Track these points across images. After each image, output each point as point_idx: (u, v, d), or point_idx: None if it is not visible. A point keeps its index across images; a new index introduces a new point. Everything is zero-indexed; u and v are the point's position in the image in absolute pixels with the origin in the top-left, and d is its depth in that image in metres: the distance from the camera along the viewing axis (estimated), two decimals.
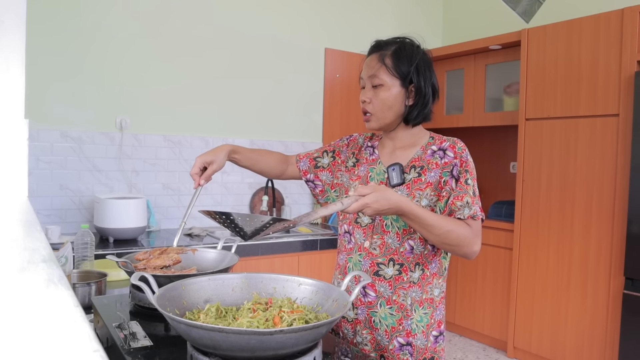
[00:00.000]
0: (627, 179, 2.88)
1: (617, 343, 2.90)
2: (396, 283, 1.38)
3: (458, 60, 4.07)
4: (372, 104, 1.40)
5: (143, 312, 1.30)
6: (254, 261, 3.06)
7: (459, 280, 3.87)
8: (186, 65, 3.51)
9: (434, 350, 1.39)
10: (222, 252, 1.56)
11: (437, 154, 1.39)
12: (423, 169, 1.39)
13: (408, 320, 1.37)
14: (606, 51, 2.99)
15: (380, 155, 1.48)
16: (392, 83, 1.39)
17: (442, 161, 1.38)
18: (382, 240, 1.39)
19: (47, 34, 3.03)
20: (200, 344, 0.91)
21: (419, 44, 1.46)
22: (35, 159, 3.00)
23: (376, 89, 1.40)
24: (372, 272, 1.40)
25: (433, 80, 1.43)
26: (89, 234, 1.95)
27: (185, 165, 3.51)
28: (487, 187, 4.32)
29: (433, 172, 1.37)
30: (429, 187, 1.36)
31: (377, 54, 1.42)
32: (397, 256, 1.38)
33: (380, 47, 1.44)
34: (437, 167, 1.38)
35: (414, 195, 1.36)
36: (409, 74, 1.38)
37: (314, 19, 4.07)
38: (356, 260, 1.44)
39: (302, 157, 1.62)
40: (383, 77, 1.39)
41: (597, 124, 3.04)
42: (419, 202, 1.35)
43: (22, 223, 0.90)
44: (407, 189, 1.37)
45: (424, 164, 1.39)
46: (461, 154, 1.37)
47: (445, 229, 1.26)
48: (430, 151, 1.41)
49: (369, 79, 1.41)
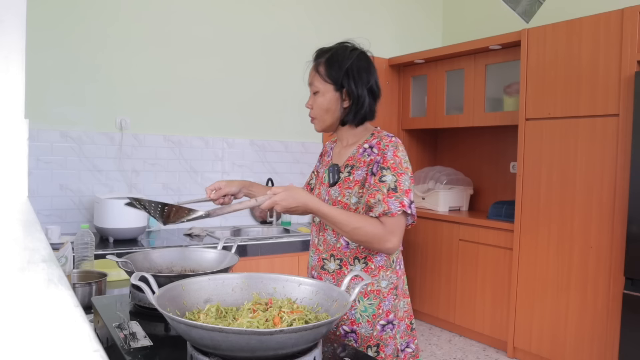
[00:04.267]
0: (627, 179, 2.88)
1: (617, 343, 2.90)
2: (338, 276, 1.49)
3: (458, 60, 4.07)
4: (313, 110, 1.54)
5: (143, 312, 1.30)
6: (254, 261, 3.06)
7: (459, 280, 3.87)
8: (186, 65, 3.51)
9: (380, 338, 1.46)
10: (222, 252, 1.56)
11: (366, 151, 1.49)
12: (353, 167, 1.49)
13: (352, 310, 1.46)
14: (606, 51, 2.99)
15: (332, 157, 1.62)
16: (326, 89, 1.51)
17: (369, 158, 1.47)
18: (324, 237, 1.53)
19: (48, 34, 3.03)
20: (200, 344, 0.91)
21: (357, 47, 1.56)
22: (35, 159, 3.00)
23: (315, 96, 1.53)
24: (320, 266, 1.53)
25: (370, 81, 1.52)
26: (89, 234, 1.95)
27: (185, 165, 3.51)
28: (487, 187, 4.32)
29: (361, 170, 1.47)
30: (357, 185, 1.46)
31: (313, 64, 1.55)
32: (335, 252, 1.50)
33: (317, 56, 1.56)
34: (364, 164, 1.47)
35: (343, 194, 1.47)
36: (340, 79, 1.49)
37: (314, 19, 4.07)
38: (310, 257, 1.60)
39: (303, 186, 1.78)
40: (317, 84, 1.52)
41: (597, 124, 3.04)
42: (349, 200, 1.46)
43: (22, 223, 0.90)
44: (339, 188, 1.49)
45: (355, 162, 1.50)
46: (384, 151, 1.44)
47: (352, 226, 1.35)
48: (362, 149, 1.50)
49: (309, 86, 1.55)
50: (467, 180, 4.35)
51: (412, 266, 4.27)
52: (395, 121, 4.53)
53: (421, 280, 4.19)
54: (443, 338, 3.87)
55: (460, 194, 4.26)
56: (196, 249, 1.61)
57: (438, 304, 4.05)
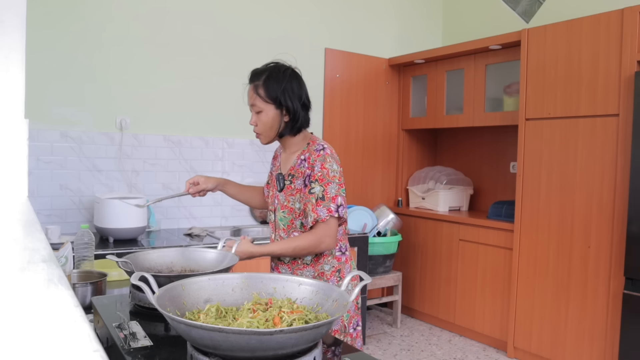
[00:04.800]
0: (627, 179, 2.88)
1: (617, 343, 2.90)
2: (293, 266, 1.76)
3: (458, 60, 4.07)
4: (258, 127, 1.75)
5: (143, 312, 1.30)
6: (254, 261, 3.04)
7: (459, 280, 3.87)
8: (186, 65, 3.51)
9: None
10: (222, 252, 1.56)
11: (302, 163, 1.72)
12: (294, 177, 1.74)
13: None
14: (606, 51, 2.99)
15: (281, 162, 1.85)
16: (268, 108, 1.71)
17: (303, 170, 1.71)
18: (277, 233, 1.79)
19: (48, 33, 3.03)
20: (200, 344, 0.91)
21: (288, 66, 1.76)
22: (35, 159, 3.00)
23: (258, 115, 1.73)
24: (277, 257, 1.78)
25: (302, 95, 1.74)
26: (89, 234, 1.95)
27: (185, 165, 3.51)
28: (487, 187, 4.33)
29: (299, 180, 1.72)
30: (299, 193, 1.72)
31: (253, 85, 1.74)
32: None
33: (254, 78, 1.74)
34: (301, 175, 1.71)
35: (288, 200, 1.73)
36: (279, 98, 1.70)
37: (314, 19, 4.08)
38: None
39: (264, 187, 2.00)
40: (259, 104, 1.72)
41: (597, 124, 3.04)
42: (294, 205, 1.72)
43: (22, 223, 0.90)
44: (284, 195, 1.75)
45: (295, 172, 1.74)
46: (313, 165, 1.68)
47: (291, 249, 1.65)
48: (299, 160, 1.74)
49: (250, 107, 1.75)
50: (467, 180, 4.35)
51: (412, 266, 4.27)
52: (395, 121, 4.53)
53: (421, 280, 4.19)
54: (443, 338, 3.87)
55: (460, 194, 4.26)
56: (196, 249, 1.61)
57: (438, 304, 4.05)
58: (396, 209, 4.36)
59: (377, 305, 4.49)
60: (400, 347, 3.68)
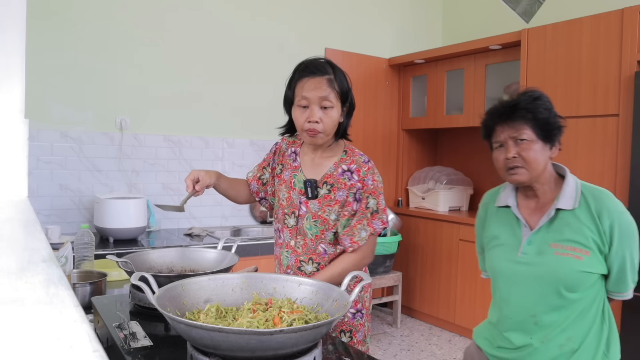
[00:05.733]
0: (627, 179, 2.88)
1: None
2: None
3: (458, 60, 4.07)
4: (323, 124, 1.54)
5: (143, 312, 1.30)
6: (254, 261, 3.05)
7: (459, 280, 3.87)
8: (186, 65, 3.51)
9: (352, 325, 1.62)
10: (222, 252, 1.56)
11: (346, 174, 1.59)
12: (333, 186, 1.58)
13: None
14: (606, 51, 2.99)
15: (302, 163, 1.66)
16: (337, 105, 1.56)
17: (349, 182, 1.58)
18: (304, 241, 1.60)
19: (48, 33, 3.03)
20: (200, 344, 0.91)
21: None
22: (35, 159, 3.00)
23: (326, 110, 1.54)
24: (296, 267, 1.61)
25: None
26: (89, 234, 1.95)
27: (185, 166, 3.51)
28: (487, 187, 4.31)
29: (342, 191, 1.58)
30: (337, 204, 1.57)
31: (325, 79, 1.55)
32: (315, 256, 1.59)
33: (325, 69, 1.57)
34: (345, 187, 1.58)
35: (324, 210, 1.57)
36: (347, 95, 1.58)
37: (314, 19, 4.07)
38: (285, 256, 1.65)
39: (251, 180, 1.78)
40: (333, 100, 1.54)
41: (597, 124, 3.04)
42: (329, 216, 1.57)
43: (22, 223, 0.90)
44: (319, 203, 1.58)
45: (334, 181, 1.59)
46: (364, 178, 1.58)
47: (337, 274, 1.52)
48: (341, 170, 1.60)
49: (320, 100, 1.53)
50: (467, 180, 4.35)
51: (412, 266, 4.26)
52: (395, 121, 4.53)
53: (421, 280, 4.19)
54: (443, 338, 3.87)
55: (460, 194, 4.26)
56: (196, 249, 1.61)
57: (438, 304, 4.05)
58: (396, 209, 4.36)
59: (377, 305, 4.49)
60: (400, 347, 3.68)
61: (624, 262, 1.40)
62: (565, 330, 1.42)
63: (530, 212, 1.51)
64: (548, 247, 1.42)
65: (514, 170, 1.46)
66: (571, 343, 1.42)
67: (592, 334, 1.44)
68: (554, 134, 1.51)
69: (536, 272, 1.42)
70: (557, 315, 1.41)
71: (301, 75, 1.58)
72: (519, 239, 1.49)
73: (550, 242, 1.42)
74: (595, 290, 1.43)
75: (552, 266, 1.40)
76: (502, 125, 1.49)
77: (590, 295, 1.42)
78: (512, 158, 1.45)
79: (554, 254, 1.40)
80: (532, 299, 1.44)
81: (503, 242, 1.53)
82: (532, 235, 1.45)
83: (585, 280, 1.39)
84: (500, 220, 1.57)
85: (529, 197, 1.53)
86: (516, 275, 1.47)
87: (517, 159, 1.45)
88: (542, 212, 1.48)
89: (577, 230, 1.40)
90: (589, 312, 1.43)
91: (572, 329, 1.42)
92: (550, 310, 1.41)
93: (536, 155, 1.44)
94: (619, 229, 1.38)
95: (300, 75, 1.59)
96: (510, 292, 1.50)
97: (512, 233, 1.51)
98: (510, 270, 1.49)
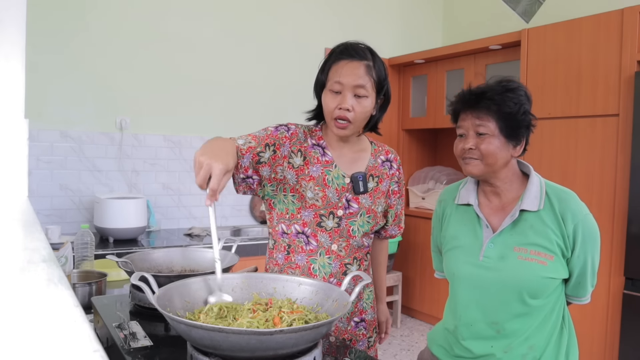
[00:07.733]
0: (627, 179, 2.88)
1: (617, 343, 2.90)
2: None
3: (458, 60, 4.07)
4: (354, 112, 1.39)
5: (143, 312, 1.30)
6: (253, 261, 3.05)
7: None
8: (186, 65, 3.51)
9: (354, 334, 1.56)
10: (222, 252, 1.56)
11: (386, 164, 1.57)
12: (379, 178, 1.54)
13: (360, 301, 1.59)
14: (606, 51, 2.99)
15: (335, 158, 1.49)
16: (372, 94, 1.42)
17: (390, 172, 1.57)
18: (348, 242, 1.49)
19: (48, 33, 3.03)
20: (201, 344, 0.90)
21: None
22: (35, 159, 3.00)
23: (359, 98, 1.39)
24: (342, 272, 1.48)
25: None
26: (89, 234, 1.95)
27: (185, 166, 3.51)
28: None
29: (385, 182, 1.55)
30: (383, 196, 1.55)
31: (363, 65, 1.40)
32: (357, 253, 1.52)
33: (362, 55, 1.41)
34: (387, 177, 1.56)
35: (376, 203, 1.51)
36: (383, 85, 1.45)
37: (314, 19, 4.07)
38: (323, 263, 1.47)
39: (245, 151, 1.42)
40: (369, 88, 1.40)
41: (597, 124, 3.04)
42: (377, 209, 1.52)
43: (22, 223, 0.90)
44: (370, 197, 1.50)
45: (379, 173, 1.54)
46: (399, 166, 1.61)
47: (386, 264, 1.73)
48: (380, 160, 1.56)
49: (355, 88, 1.38)
50: None
51: (412, 266, 4.26)
52: (395, 121, 4.52)
53: (421, 280, 4.19)
54: None
55: None
56: (196, 249, 1.61)
57: (438, 304, 4.05)
58: None
59: None
60: (400, 347, 3.68)
61: (584, 267, 1.34)
62: (527, 339, 1.34)
63: (491, 212, 1.41)
64: (511, 251, 1.33)
65: (468, 160, 1.35)
66: (533, 352, 1.34)
67: (554, 341, 1.36)
68: (519, 132, 1.40)
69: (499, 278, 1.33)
70: (520, 322, 1.33)
71: (338, 58, 1.42)
72: (480, 241, 1.38)
73: (514, 246, 1.33)
74: (557, 295, 1.36)
75: (515, 272, 1.31)
76: (465, 113, 1.37)
77: (552, 301, 1.34)
78: (469, 149, 1.34)
79: (517, 258, 1.32)
80: (495, 306, 1.35)
81: (463, 243, 1.42)
82: (495, 237, 1.36)
83: (549, 286, 1.31)
84: (460, 219, 1.46)
85: (490, 195, 1.42)
86: (478, 280, 1.37)
87: (474, 150, 1.33)
88: (505, 212, 1.38)
89: (542, 234, 1.32)
90: (551, 318, 1.35)
91: (534, 337, 1.34)
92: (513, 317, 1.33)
93: (495, 151, 1.33)
94: (582, 233, 1.31)
95: (336, 57, 1.42)
96: (470, 298, 1.40)
97: (472, 234, 1.41)
98: (471, 275, 1.38)
